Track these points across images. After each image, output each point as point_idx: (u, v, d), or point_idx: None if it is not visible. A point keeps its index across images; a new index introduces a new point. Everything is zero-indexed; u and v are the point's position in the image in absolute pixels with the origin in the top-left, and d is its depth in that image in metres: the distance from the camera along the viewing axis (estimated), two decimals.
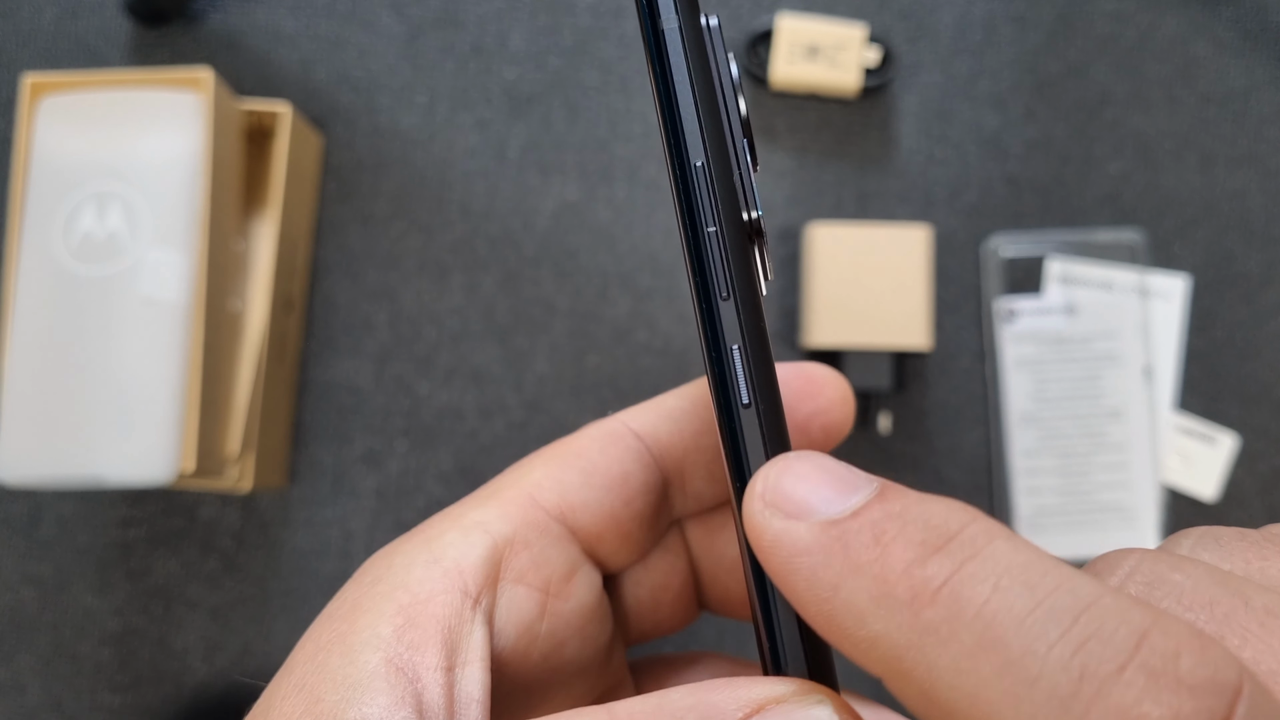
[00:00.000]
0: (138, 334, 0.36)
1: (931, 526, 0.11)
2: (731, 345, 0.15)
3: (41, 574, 0.43)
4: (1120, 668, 0.10)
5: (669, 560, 0.21)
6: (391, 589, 0.16)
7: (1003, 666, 0.10)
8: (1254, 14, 0.45)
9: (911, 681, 0.11)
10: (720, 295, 0.15)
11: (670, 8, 0.16)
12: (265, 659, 0.43)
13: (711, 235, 0.15)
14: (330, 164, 0.45)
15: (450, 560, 0.17)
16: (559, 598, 0.18)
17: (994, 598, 0.10)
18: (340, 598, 0.17)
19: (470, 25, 0.46)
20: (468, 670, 0.16)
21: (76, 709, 0.42)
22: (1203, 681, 0.10)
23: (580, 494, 0.19)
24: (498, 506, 0.18)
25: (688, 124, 0.15)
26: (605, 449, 0.19)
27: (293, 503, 0.43)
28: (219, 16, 0.46)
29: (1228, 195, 0.44)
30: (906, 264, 0.41)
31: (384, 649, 0.15)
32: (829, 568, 0.11)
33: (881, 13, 0.45)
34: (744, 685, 0.13)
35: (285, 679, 0.16)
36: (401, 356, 0.44)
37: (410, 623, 0.16)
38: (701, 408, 0.20)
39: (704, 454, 0.20)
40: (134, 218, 0.37)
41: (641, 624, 0.21)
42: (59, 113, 0.38)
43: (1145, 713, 0.09)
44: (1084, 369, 0.43)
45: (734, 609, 0.21)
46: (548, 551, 0.18)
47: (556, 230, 0.44)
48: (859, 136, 0.45)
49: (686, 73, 0.16)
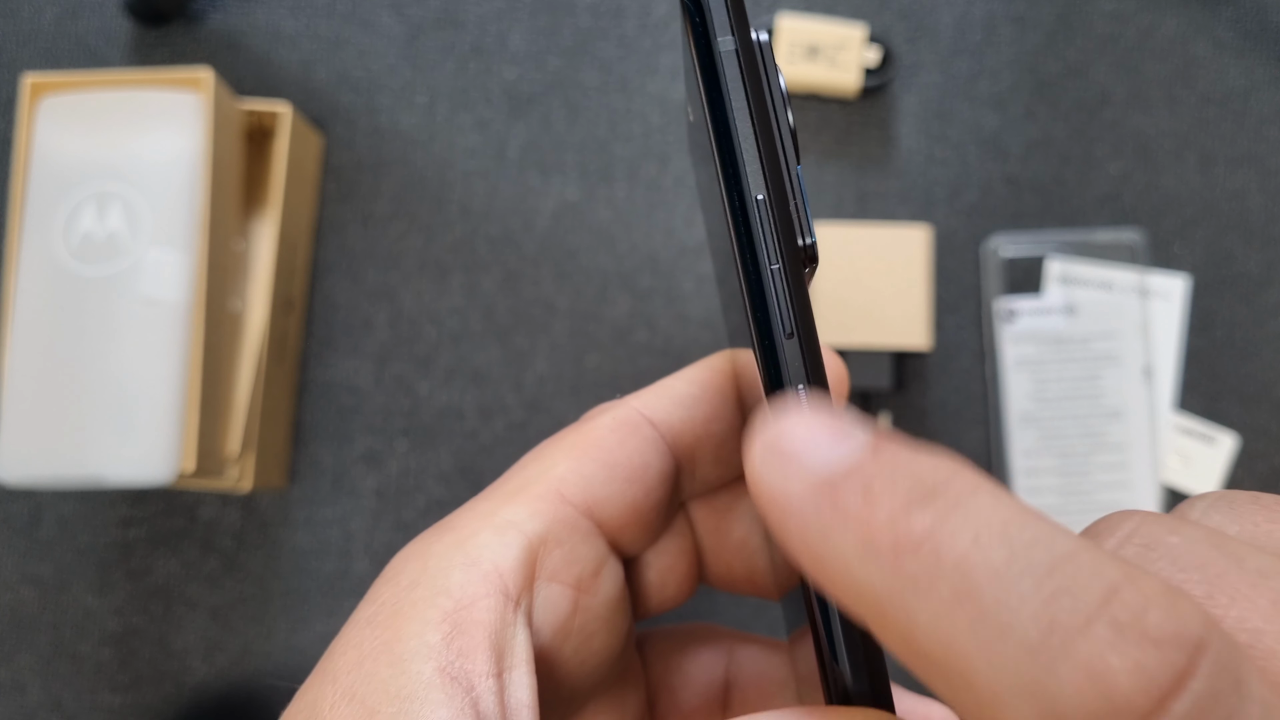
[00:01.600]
0: (138, 334, 0.36)
1: (918, 479, 0.12)
2: (797, 385, 0.15)
3: (42, 574, 0.43)
4: (1088, 621, 0.10)
5: (676, 541, 0.21)
6: (433, 594, 0.16)
7: (977, 617, 0.10)
8: (1254, 14, 0.45)
9: (893, 629, 0.11)
10: (784, 333, 0.15)
11: (726, 27, 0.15)
12: (265, 659, 0.43)
13: (775, 272, 0.15)
14: (330, 164, 0.45)
15: (488, 562, 0.17)
16: (589, 593, 0.18)
17: (972, 551, 0.11)
18: (376, 601, 0.17)
19: (470, 25, 0.46)
20: (515, 675, 0.16)
21: (76, 709, 0.42)
22: (1168, 636, 0.10)
23: (605, 488, 0.19)
24: (527, 504, 0.18)
25: (748, 157, 0.15)
26: (625, 440, 0.19)
27: (293, 503, 0.43)
28: (219, 16, 0.46)
29: (1228, 195, 0.44)
30: (906, 264, 0.41)
31: (435, 658, 0.15)
32: (820, 518, 0.12)
33: (881, 13, 0.45)
34: (819, 715, 0.13)
35: (329, 686, 0.15)
36: (401, 356, 0.44)
37: (457, 629, 0.16)
38: (711, 392, 0.20)
39: (713, 439, 0.20)
40: (134, 218, 0.37)
41: (648, 603, 0.21)
42: (59, 113, 0.38)
43: (1109, 665, 0.10)
44: (1084, 369, 0.43)
45: (734, 584, 0.21)
46: (578, 548, 0.18)
47: (556, 230, 0.44)
48: (859, 136, 0.45)
49: (745, 100, 0.15)
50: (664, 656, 0.22)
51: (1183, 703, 0.10)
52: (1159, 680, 0.10)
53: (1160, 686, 0.10)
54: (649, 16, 0.46)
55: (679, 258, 0.44)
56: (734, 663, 0.22)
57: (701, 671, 0.22)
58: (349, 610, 0.47)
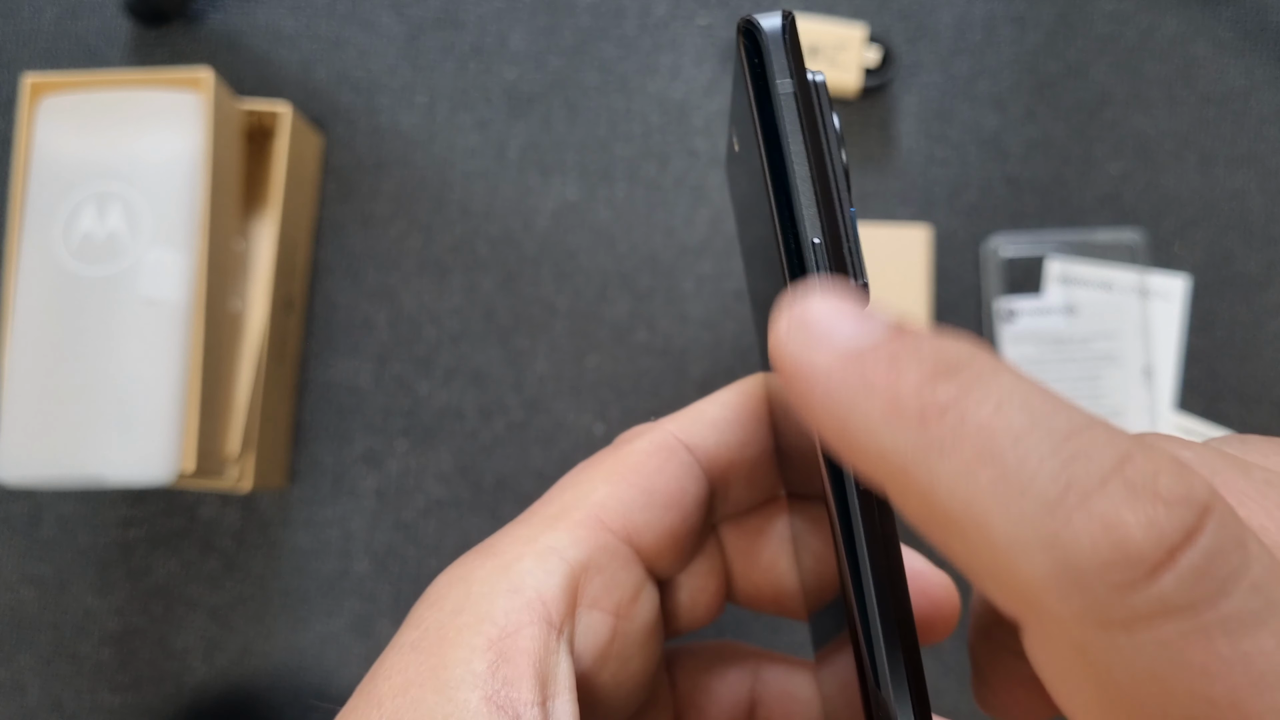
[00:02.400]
0: (138, 334, 0.36)
1: (943, 355, 0.12)
2: None
3: (42, 574, 0.43)
4: (1103, 481, 0.11)
5: (707, 563, 0.21)
6: (478, 621, 0.16)
7: (998, 476, 0.11)
8: (1253, 14, 0.45)
9: (914, 491, 0.12)
10: None
11: (785, 69, 0.15)
12: (265, 659, 0.43)
13: None
14: (330, 164, 0.45)
15: (531, 590, 0.17)
16: (627, 618, 0.18)
17: (995, 416, 0.11)
18: (420, 626, 0.17)
19: (470, 25, 0.46)
20: (559, 703, 0.16)
21: (77, 709, 0.42)
22: (1178, 497, 0.11)
23: (644, 514, 0.19)
24: (569, 530, 0.18)
25: (805, 200, 0.15)
26: (663, 466, 0.19)
27: (293, 503, 0.43)
28: (219, 16, 0.46)
29: (1227, 195, 0.44)
30: (906, 264, 0.41)
31: (481, 686, 0.15)
32: (846, 386, 0.12)
33: (881, 13, 0.45)
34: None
35: (374, 712, 0.15)
36: (401, 356, 0.44)
37: (503, 658, 0.16)
38: (745, 416, 0.20)
39: (746, 464, 0.20)
40: (134, 218, 0.37)
41: (678, 622, 0.21)
42: (59, 113, 0.38)
43: (1123, 519, 0.10)
44: (1084, 369, 0.43)
45: (762, 604, 0.22)
46: (618, 574, 0.18)
47: (556, 230, 0.44)
48: (859, 136, 0.45)
49: (803, 142, 0.15)
50: (691, 675, 0.22)
51: (1190, 555, 0.10)
52: (1169, 534, 0.10)
53: (1170, 539, 0.10)
54: (649, 17, 0.46)
55: (679, 258, 0.44)
56: (760, 682, 0.22)
57: (728, 690, 0.22)
58: (349, 610, 0.47)
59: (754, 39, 0.16)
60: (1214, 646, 0.10)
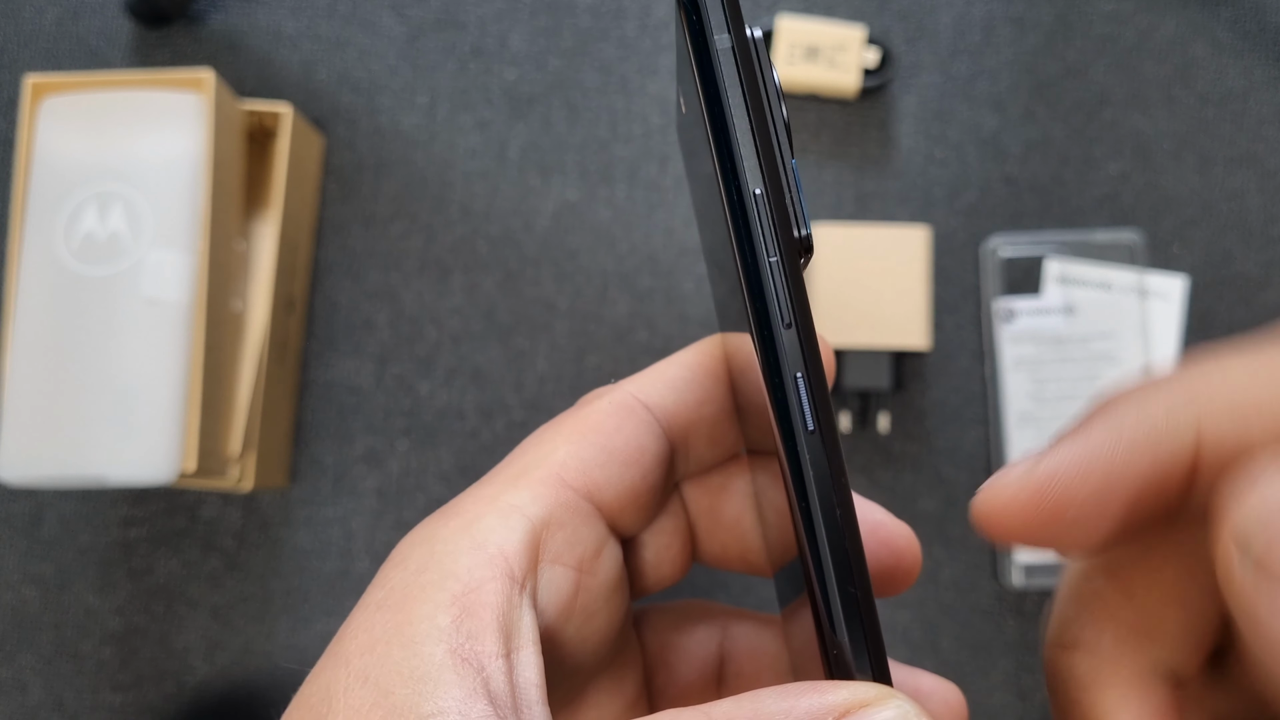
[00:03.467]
0: (139, 334, 0.36)
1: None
2: (795, 373, 0.15)
3: (43, 573, 0.43)
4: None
5: (670, 522, 0.21)
6: (441, 578, 0.16)
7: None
8: (1252, 15, 0.45)
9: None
10: (783, 323, 0.15)
11: (723, 25, 0.16)
12: (266, 658, 0.43)
13: (774, 265, 0.15)
14: (331, 164, 0.45)
15: (494, 546, 0.17)
16: (590, 573, 0.19)
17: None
18: (385, 585, 0.17)
19: (471, 26, 0.46)
20: (523, 655, 0.16)
21: (78, 708, 0.43)
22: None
23: (604, 471, 0.19)
24: (530, 488, 0.18)
25: (744, 152, 0.15)
26: (621, 425, 0.19)
27: (294, 502, 0.44)
28: (220, 17, 0.46)
29: (1226, 196, 0.44)
30: (905, 264, 0.41)
31: (445, 640, 0.16)
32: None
33: (880, 14, 0.45)
34: (830, 690, 0.14)
35: (342, 669, 0.16)
36: (402, 356, 0.44)
37: (466, 612, 0.16)
38: (703, 375, 0.20)
39: (705, 421, 0.20)
40: (135, 218, 0.37)
41: (644, 582, 0.21)
42: (60, 113, 0.38)
43: None
44: (1082, 369, 0.43)
45: (728, 562, 0.22)
46: (580, 530, 0.19)
47: (557, 230, 0.45)
48: (858, 137, 0.45)
49: (742, 96, 0.16)
50: (660, 633, 0.22)
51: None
52: None
53: None
54: (649, 17, 0.46)
55: (679, 258, 0.44)
56: (728, 638, 0.23)
57: (697, 647, 0.22)
58: (350, 609, 0.47)
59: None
60: None
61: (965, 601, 0.42)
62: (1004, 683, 0.42)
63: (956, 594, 0.42)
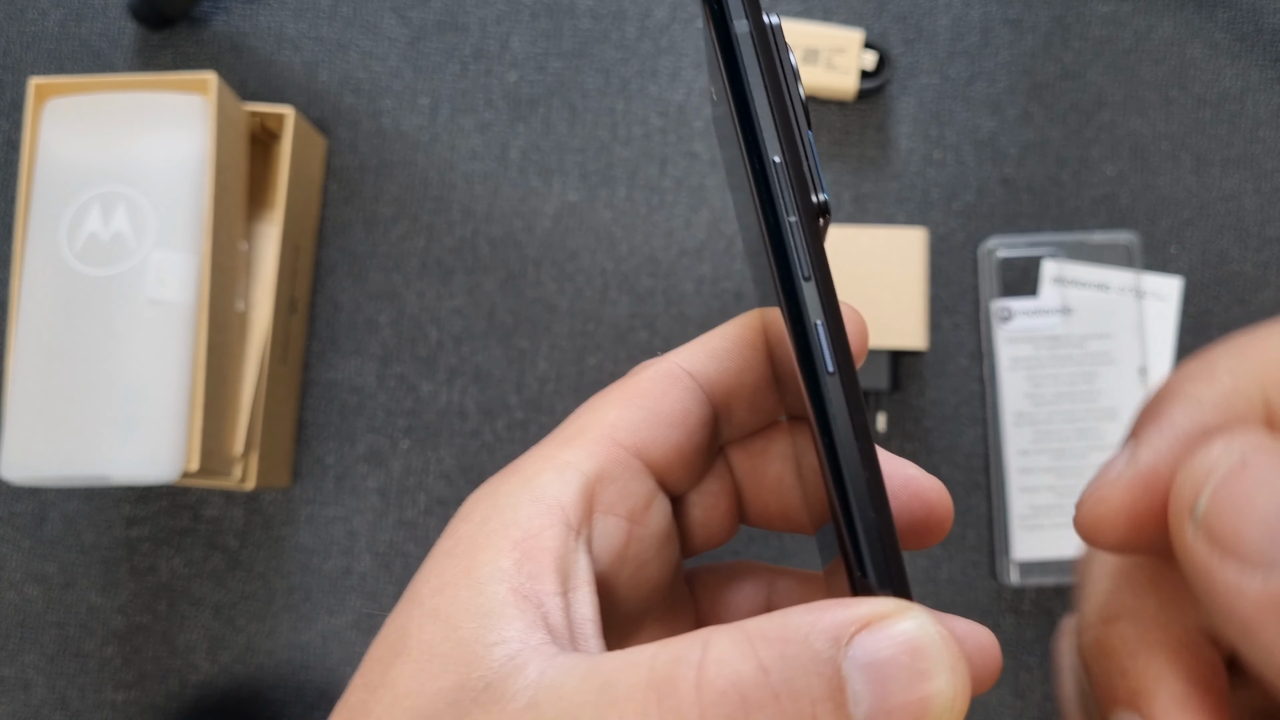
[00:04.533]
0: (143, 334, 0.37)
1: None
2: (815, 320, 0.17)
3: (47, 572, 0.43)
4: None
5: (717, 483, 0.23)
6: (504, 526, 0.18)
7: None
8: (1249, 17, 0.45)
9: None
10: (803, 276, 0.17)
11: (741, 11, 0.17)
12: (269, 656, 0.43)
13: (794, 224, 0.17)
14: (334, 166, 0.45)
15: (551, 497, 0.19)
16: (640, 524, 0.21)
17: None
18: (453, 536, 0.19)
19: (472, 29, 0.46)
20: (579, 594, 0.18)
21: (82, 706, 0.43)
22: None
23: (651, 431, 0.21)
24: (583, 447, 0.20)
25: (764, 124, 0.17)
26: (667, 390, 0.21)
27: (296, 501, 0.44)
28: (223, 20, 0.46)
29: (1222, 197, 0.44)
30: (903, 265, 0.41)
31: (508, 580, 0.17)
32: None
33: (879, 16, 0.46)
34: (852, 605, 0.15)
35: (415, 609, 0.18)
36: (404, 357, 0.44)
37: (526, 555, 0.18)
38: (743, 346, 0.22)
39: (746, 389, 0.22)
40: (139, 219, 0.37)
41: (694, 541, 0.23)
42: (64, 115, 0.38)
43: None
44: (1079, 369, 0.43)
45: (771, 522, 0.24)
46: (630, 484, 0.20)
47: (557, 232, 0.45)
48: (856, 139, 0.45)
49: (760, 75, 0.17)
50: (711, 590, 0.24)
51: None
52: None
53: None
54: (649, 20, 0.46)
55: (679, 259, 0.45)
56: (774, 593, 0.24)
57: (745, 602, 0.24)
58: (352, 607, 0.47)
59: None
60: None
61: (963, 600, 0.42)
62: (1001, 681, 0.42)
63: (954, 592, 0.42)
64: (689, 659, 0.15)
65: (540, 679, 0.16)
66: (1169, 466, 0.15)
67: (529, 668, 0.16)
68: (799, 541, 0.43)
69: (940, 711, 0.14)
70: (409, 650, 0.17)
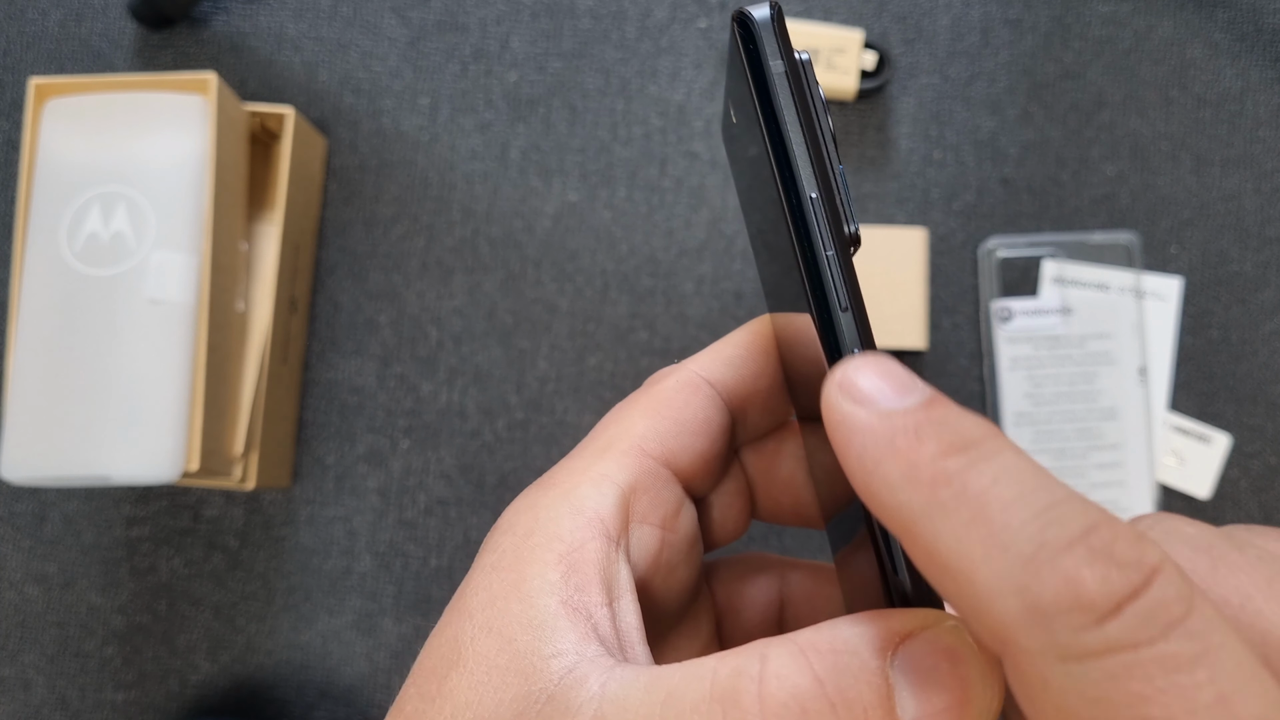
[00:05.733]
0: (143, 334, 0.37)
1: (959, 432, 0.14)
2: (854, 349, 0.18)
3: (47, 572, 0.43)
4: (1070, 544, 0.13)
5: (733, 484, 0.24)
6: (548, 540, 0.19)
7: (986, 535, 0.13)
8: (1248, 17, 0.45)
9: (919, 542, 0.14)
10: (840, 308, 0.18)
11: (776, 52, 0.18)
12: (269, 656, 0.43)
13: (830, 258, 0.18)
14: (334, 166, 0.45)
15: (591, 510, 0.20)
16: (672, 531, 0.21)
17: (990, 488, 0.14)
18: (496, 550, 0.19)
19: (472, 29, 0.46)
20: (623, 603, 0.19)
21: (82, 706, 0.43)
22: (1130, 561, 0.13)
23: (677, 441, 0.22)
24: (616, 459, 0.21)
25: (800, 161, 0.18)
26: (689, 400, 0.22)
27: (296, 501, 0.44)
28: (223, 20, 0.46)
29: (1222, 197, 0.44)
30: (903, 265, 0.41)
31: (557, 593, 0.18)
32: (877, 446, 0.15)
33: (878, 16, 0.46)
34: (895, 617, 0.16)
35: (466, 622, 0.18)
36: (404, 357, 0.44)
37: (572, 568, 0.18)
38: (756, 353, 0.23)
39: (760, 394, 0.23)
40: (139, 219, 0.37)
41: (712, 538, 0.24)
42: (64, 115, 0.38)
43: (1082, 576, 0.13)
44: (1079, 369, 0.43)
45: (783, 517, 0.25)
46: (661, 494, 0.21)
47: (557, 232, 0.45)
48: (856, 139, 0.45)
49: (795, 113, 0.18)
50: (727, 583, 0.25)
51: (1136, 606, 0.13)
52: (1119, 589, 0.13)
53: (1120, 593, 0.13)
54: (649, 20, 0.46)
55: (678, 259, 0.45)
56: (786, 584, 0.25)
57: (759, 594, 0.25)
58: (352, 607, 0.47)
59: (747, 27, 0.19)
60: (1151, 678, 0.12)
61: None
62: None
63: None
64: (749, 672, 0.16)
65: (604, 691, 0.16)
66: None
67: (590, 680, 0.17)
68: (794, 535, 0.43)
69: (979, 712, 0.15)
70: (464, 662, 0.18)
